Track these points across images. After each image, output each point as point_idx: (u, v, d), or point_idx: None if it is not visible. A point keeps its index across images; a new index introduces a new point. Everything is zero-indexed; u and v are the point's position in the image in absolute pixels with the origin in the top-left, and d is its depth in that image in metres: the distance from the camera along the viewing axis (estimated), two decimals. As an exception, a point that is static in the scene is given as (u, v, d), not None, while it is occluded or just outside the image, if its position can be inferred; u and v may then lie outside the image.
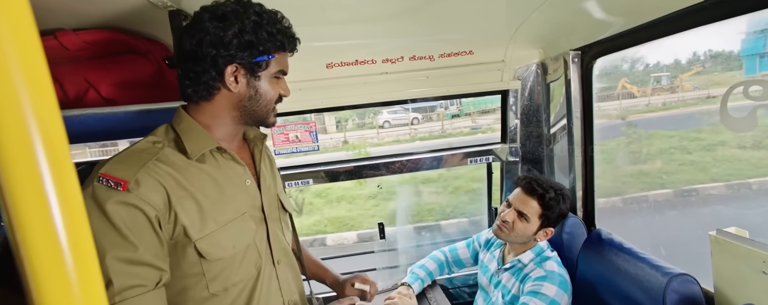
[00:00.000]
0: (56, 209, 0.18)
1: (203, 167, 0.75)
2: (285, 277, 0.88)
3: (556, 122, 1.54)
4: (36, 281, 0.18)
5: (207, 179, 0.75)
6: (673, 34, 1.03)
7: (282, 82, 0.81)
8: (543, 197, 1.26)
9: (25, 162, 0.18)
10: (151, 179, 0.68)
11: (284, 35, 0.76)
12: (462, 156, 1.71)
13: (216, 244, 0.74)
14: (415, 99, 1.59)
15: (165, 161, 0.71)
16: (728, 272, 0.94)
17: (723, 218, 4.18)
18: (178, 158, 0.73)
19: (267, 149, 0.94)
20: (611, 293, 1.20)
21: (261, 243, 0.83)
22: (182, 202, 0.70)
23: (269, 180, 0.88)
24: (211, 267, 0.75)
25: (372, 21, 1.19)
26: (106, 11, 0.93)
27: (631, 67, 8.19)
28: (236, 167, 0.80)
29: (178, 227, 0.70)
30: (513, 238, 1.30)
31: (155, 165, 0.69)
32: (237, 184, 0.80)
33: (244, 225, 0.79)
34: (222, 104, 0.77)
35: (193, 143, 0.75)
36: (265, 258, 0.83)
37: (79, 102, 0.99)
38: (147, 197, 0.66)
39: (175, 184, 0.70)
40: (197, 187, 0.73)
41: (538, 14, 1.25)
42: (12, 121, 0.17)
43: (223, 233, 0.75)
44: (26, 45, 0.18)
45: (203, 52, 0.72)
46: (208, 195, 0.74)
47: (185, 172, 0.72)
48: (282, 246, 0.88)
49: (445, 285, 1.73)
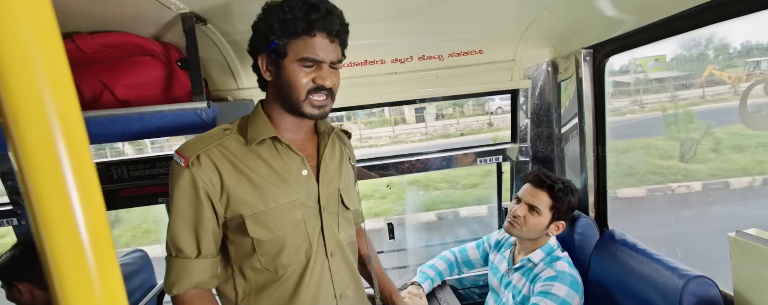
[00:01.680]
0: (78, 207, 0.19)
1: (261, 154, 0.81)
2: (338, 270, 0.89)
3: (567, 121, 1.52)
4: (59, 276, 0.19)
5: (262, 165, 0.81)
6: (689, 30, 1.01)
7: (317, 70, 0.78)
8: (552, 188, 1.26)
9: (49, 162, 0.18)
10: (208, 160, 0.77)
11: (297, 20, 0.74)
12: (472, 156, 1.69)
13: (263, 225, 0.80)
14: (424, 99, 1.58)
15: (226, 145, 0.80)
16: (749, 274, 0.91)
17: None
18: (240, 143, 0.81)
19: (343, 145, 0.97)
20: (625, 295, 1.17)
21: (314, 232, 0.85)
22: (235, 182, 0.78)
23: (332, 174, 0.90)
24: (261, 245, 0.81)
25: (381, 21, 1.19)
26: (120, 14, 0.95)
27: (718, 52, 7.45)
28: (293, 157, 0.84)
29: (231, 204, 0.79)
30: (526, 233, 1.29)
31: (216, 148, 0.79)
32: (293, 173, 0.83)
33: (292, 212, 0.82)
34: (271, 94, 0.84)
35: (254, 130, 0.81)
36: (317, 248, 0.86)
37: (95, 104, 1.02)
38: (202, 174, 0.77)
39: (230, 166, 0.79)
40: (252, 170, 0.80)
41: (549, 12, 1.24)
42: (36, 122, 0.18)
43: (272, 215, 0.80)
44: (50, 49, 0.18)
45: (249, 47, 0.82)
46: (262, 179, 0.80)
47: (243, 156, 0.80)
48: (337, 239, 0.90)
49: (455, 286, 1.72)
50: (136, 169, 1.48)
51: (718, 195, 4.88)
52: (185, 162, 0.76)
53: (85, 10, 0.91)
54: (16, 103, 0.18)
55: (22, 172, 0.18)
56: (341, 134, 1.00)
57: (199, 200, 0.77)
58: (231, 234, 0.82)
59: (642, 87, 9.18)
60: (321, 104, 0.80)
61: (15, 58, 0.18)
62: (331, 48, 0.78)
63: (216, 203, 0.79)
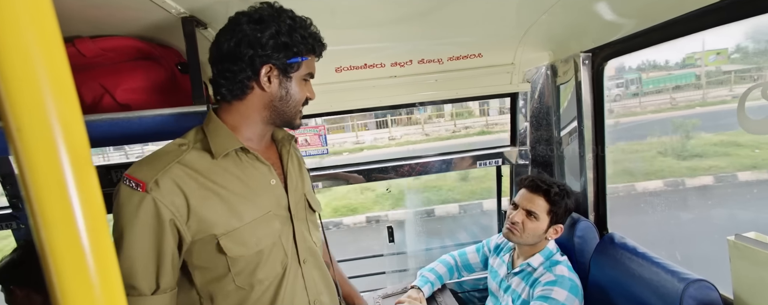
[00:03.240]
0: (79, 210, 0.19)
1: (227, 167, 0.77)
2: (311, 276, 0.88)
3: (567, 124, 1.52)
4: (59, 280, 0.19)
5: (231, 178, 0.77)
6: (688, 35, 1.02)
7: (309, 85, 0.84)
8: (548, 193, 1.27)
9: (50, 165, 0.18)
10: (170, 181, 0.70)
11: (315, 40, 0.80)
12: (471, 159, 1.70)
13: (239, 241, 0.76)
14: (423, 102, 1.58)
15: (188, 162, 0.74)
16: (748, 278, 0.91)
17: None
18: (204, 158, 0.76)
19: (296, 150, 0.97)
20: (625, 299, 1.17)
21: (287, 241, 0.84)
22: (203, 202, 0.73)
23: (296, 180, 0.90)
24: (236, 263, 0.77)
25: (381, 25, 1.20)
26: (121, 19, 0.96)
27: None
28: (261, 167, 0.82)
29: (201, 226, 0.73)
30: (525, 239, 1.29)
31: (176, 167, 0.72)
32: (262, 183, 0.81)
33: (268, 224, 0.80)
34: (254, 103, 0.80)
35: (218, 143, 0.77)
36: (291, 256, 0.85)
37: (95, 107, 1.02)
38: (164, 198, 0.69)
39: (195, 185, 0.73)
40: (221, 185, 0.75)
41: (548, 16, 1.25)
42: (38, 126, 0.18)
43: (247, 230, 0.77)
44: (52, 53, 0.19)
45: (241, 52, 0.75)
46: (233, 193, 0.76)
47: (209, 172, 0.75)
48: (308, 245, 0.89)
49: (455, 289, 1.72)
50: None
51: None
52: (142, 187, 0.68)
53: (86, 14, 0.92)
54: (18, 106, 0.18)
55: (24, 175, 0.18)
56: (290, 138, 0.98)
57: (162, 228, 0.69)
58: (197, 258, 0.75)
59: (710, 79, 9.07)
60: (302, 114, 0.85)
61: (17, 62, 0.18)
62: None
63: (182, 229, 0.71)
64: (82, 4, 0.87)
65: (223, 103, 0.81)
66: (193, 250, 0.75)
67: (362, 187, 6.87)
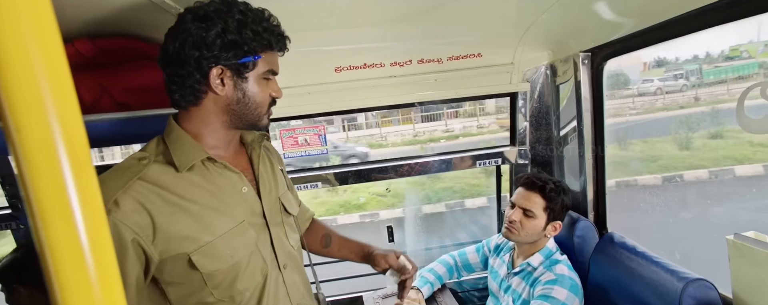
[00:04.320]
0: (78, 210, 0.19)
1: (194, 179, 0.72)
2: (292, 281, 0.86)
3: (566, 124, 1.53)
4: (58, 280, 0.19)
5: (199, 191, 0.72)
6: (687, 34, 1.02)
7: (273, 83, 0.77)
8: (544, 189, 1.27)
9: (49, 165, 0.18)
10: (131, 200, 0.65)
11: (271, 34, 0.72)
12: (471, 159, 1.70)
13: (212, 255, 0.71)
14: (422, 102, 1.59)
15: (149, 178, 0.68)
16: (747, 278, 0.91)
17: None
18: (167, 172, 0.70)
19: (267, 151, 0.92)
20: (624, 298, 1.17)
21: (265, 249, 0.81)
22: (169, 218, 0.68)
23: (270, 184, 0.86)
24: (212, 277, 0.72)
25: (380, 25, 1.20)
26: (120, 19, 0.96)
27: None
28: (231, 176, 0.77)
29: (169, 245, 0.68)
30: (523, 237, 1.29)
31: (138, 184, 0.67)
32: (233, 192, 0.76)
33: (242, 234, 0.76)
34: (210, 108, 0.74)
35: (181, 154, 0.71)
36: (271, 263, 0.81)
37: (95, 107, 1.02)
38: (126, 219, 0.64)
39: (160, 202, 0.68)
40: (189, 200, 0.70)
41: (548, 16, 1.25)
42: (38, 126, 0.18)
43: (220, 244, 0.72)
44: (51, 53, 0.19)
45: (186, 54, 0.69)
46: (202, 207, 0.71)
47: (175, 186, 0.70)
48: (287, 250, 0.86)
49: (455, 289, 1.72)
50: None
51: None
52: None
53: (85, 14, 0.91)
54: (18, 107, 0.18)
55: (23, 175, 0.18)
56: (263, 140, 0.93)
57: (124, 251, 0.65)
58: (169, 275, 0.71)
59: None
60: (270, 114, 0.79)
61: (17, 62, 0.18)
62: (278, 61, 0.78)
63: (147, 248, 0.67)
64: (82, 4, 0.87)
65: (181, 110, 0.75)
66: (164, 268, 0.70)
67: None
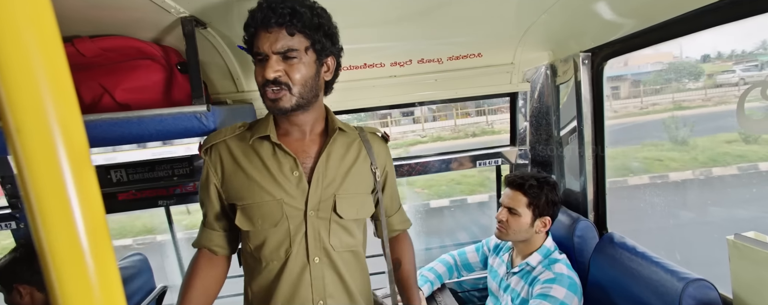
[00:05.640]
0: (78, 210, 0.19)
1: (259, 151, 0.86)
2: (321, 276, 0.87)
3: (566, 124, 1.53)
4: (58, 279, 0.19)
5: (257, 161, 0.85)
6: (687, 34, 1.02)
7: (262, 65, 0.78)
8: (523, 186, 1.29)
9: (49, 165, 0.18)
10: (216, 152, 0.87)
11: (250, 17, 0.77)
12: (471, 159, 1.70)
13: (247, 216, 0.85)
14: (423, 102, 1.59)
15: (235, 140, 0.88)
16: (748, 278, 0.91)
17: None
18: (244, 139, 0.87)
19: (367, 149, 0.93)
20: (625, 298, 1.17)
21: (297, 234, 0.85)
22: (232, 175, 0.86)
23: (331, 178, 0.87)
24: (247, 234, 0.87)
25: (381, 25, 1.20)
26: (120, 18, 0.96)
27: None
28: (286, 157, 0.85)
29: (229, 194, 0.87)
30: (512, 236, 1.31)
31: (226, 142, 0.87)
32: (283, 172, 0.85)
33: (273, 209, 0.84)
34: None
35: (255, 129, 0.87)
36: (298, 250, 0.85)
37: (95, 107, 1.02)
38: (211, 163, 0.87)
39: (231, 159, 0.86)
40: (246, 165, 0.85)
41: (548, 16, 1.25)
42: (37, 126, 0.18)
43: (254, 209, 0.84)
44: (51, 53, 0.18)
45: None
46: (253, 173, 0.85)
47: (242, 151, 0.86)
48: (323, 245, 0.87)
49: (455, 289, 1.72)
50: (136, 172, 1.48)
51: None
52: (200, 150, 0.88)
53: (85, 14, 0.91)
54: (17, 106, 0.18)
55: (23, 175, 0.18)
56: (371, 137, 0.97)
57: (208, 183, 0.88)
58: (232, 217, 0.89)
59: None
60: (272, 96, 0.78)
61: (16, 62, 0.18)
62: (271, 38, 0.75)
63: (220, 190, 0.88)
64: (82, 3, 0.87)
65: None
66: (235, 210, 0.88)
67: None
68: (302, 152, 0.86)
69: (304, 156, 0.86)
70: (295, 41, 0.76)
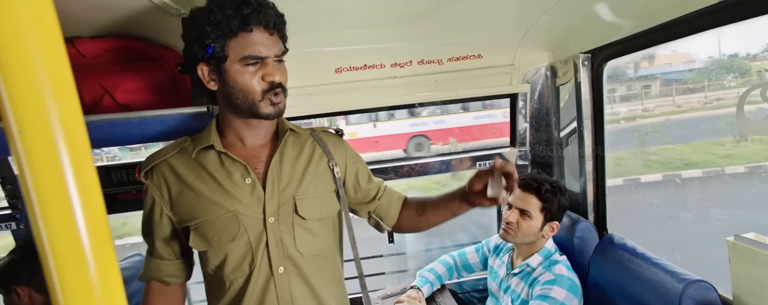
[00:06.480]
0: (79, 211, 0.19)
1: (204, 164, 0.80)
2: (286, 287, 0.81)
3: (566, 125, 1.53)
4: (59, 280, 0.19)
5: (204, 175, 0.80)
6: (687, 36, 1.02)
7: (263, 67, 0.74)
8: (539, 190, 1.27)
9: (51, 166, 0.19)
10: (158, 174, 0.81)
11: (231, 18, 0.70)
12: (470, 160, 1.70)
13: (201, 236, 0.80)
14: (423, 103, 1.59)
15: (177, 158, 0.81)
16: (748, 279, 0.91)
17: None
18: (188, 154, 0.81)
19: (321, 147, 0.89)
20: (625, 299, 1.17)
21: (258, 245, 0.79)
22: (180, 195, 0.80)
23: (287, 181, 0.82)
24: (205, 255, 0.82)
25: (381, 26, 1.20)
26: (121, 19, 0.96)
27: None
28: (236, 165, 0.79)
29: (179, 216, 0.81)
30: (520, 238, 1.29)
31: (167, 161, 0.81)
32: (234, 181, 0.79)
33: (227, 223, 0.78)
34: (219, 103, 0.81)
35: (198, 141, 0.81)
36: (261, 262, 0.79)
37: (96, 108, 1.02)
38: (154, 187, 0.81)
39: (175, 179, 0.80)
40: (192, 181, 0.79)
41: (548, 17, 1.25)
42: (39, 126, 0.18)
43: (208, 226, 0.79)
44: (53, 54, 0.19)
45: (183, 59, 0.79)
46: (201, 189, 0.79)
47: (187, 167, 0.80)
48: (288, 253, 0.81)
49: (455, 290, 1.72)
50: (136, 173, 1.48)
51: None
52: (137, 174, 0.86)
53: (86, 15, 0.92)
54: (19, 107, 0.18)
55: (24, 176, 0.18)
56: (323, 136, 0.92)
57: (154, 210, 0.82)
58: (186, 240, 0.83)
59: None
60: (276, 101, 0.76)
61: (18, 63, 0.18)
62: (271, 42, 0.74)
63: (169, 214, 0.82)
64: (83, 5, 0.87)
65: None
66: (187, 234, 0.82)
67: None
68: (252, 157, 0.81)
69: (256, 161, 0.81)
70: (282, 44, 0.78)
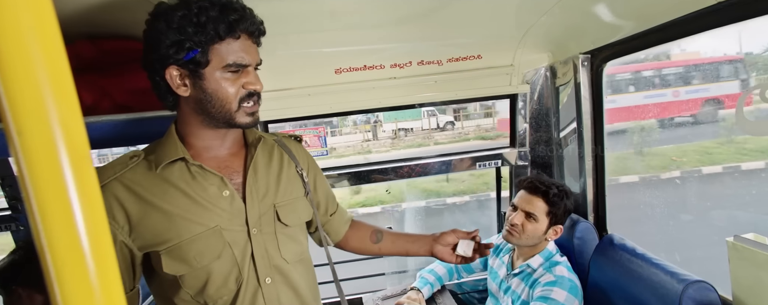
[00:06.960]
0: (79, 213, 0.19)
1: (171, 179, 0.72)
2: (274, 297, 0.78)
3: (566, 125, 1.53)
4: (59, 281, 0.19)
5: (173, 191, 0.71)
6: (686, 36, 1.02)
7: (244, 75, 0.71)
8: (547, 194, 1.26)
9: (50, 167, 0.19)
10: (109, 195, 0.69)
11: (218, 22, 0.66)
12: (471, 161, 1.70)
13: (179, 258, 0.71)
14: (423, 104, 1.59)
15: (132, 175, 0.71)
16: (747, 280, 0.91)
17: None
18: (147, 169, 0.72)
19: (288, 153, 0.88)
20: (625, 300, 1.17)
21: (244, 258, 0.76)
22: (142, 216, 0.70)
23: (265, 189, 0.80)
24: (184, 278, 0.73)
25: (381, 26, 1.20)
26: (120, 20, 0.96)
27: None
28: (210, 178, 0.74)
29: (143, 240, 0.71)
30: (524, 240, 1.29)
31: (119, 180, 0.70)
32: (211, 196, 0.74)
33: (212, 239, 0.73)
34: (186, 109, 0.73)
35: (160, 154, 0.73)
36: (248, 275, 0.76)
37: (96, 109, 1.02)
38: (105, 211, 0.70)
39: (135, 199, 0.70)
40: (160, 199, 0.71)
41: (548, 18, 1.25)
42: (39, 128, 0.18)
43: (187, 247, 0.71)
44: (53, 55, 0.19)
45: (147, 58, 0.70)
46: (174, 207, 0.71)
47: (149, 184, 0.71)
48: (275, 263, 0.79)
49: (455, 290, 1.72)
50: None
51: None
52: None
53: (85, 16, 0.92)
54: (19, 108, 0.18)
55: (24, 177, 0.18)
56: (286, 141, 0.90)
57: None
58: (157, 267, 0.73)
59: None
60: (253, 110, 0.73)
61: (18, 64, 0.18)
62: (254, 50, 0.72)
63: (126, 241, 0.71)
64: (83, 5, 0.87)
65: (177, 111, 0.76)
66: (151, 261, 0.74)
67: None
68: (225, 168, 0.77)
69: (229, 172, 0.77)
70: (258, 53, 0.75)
